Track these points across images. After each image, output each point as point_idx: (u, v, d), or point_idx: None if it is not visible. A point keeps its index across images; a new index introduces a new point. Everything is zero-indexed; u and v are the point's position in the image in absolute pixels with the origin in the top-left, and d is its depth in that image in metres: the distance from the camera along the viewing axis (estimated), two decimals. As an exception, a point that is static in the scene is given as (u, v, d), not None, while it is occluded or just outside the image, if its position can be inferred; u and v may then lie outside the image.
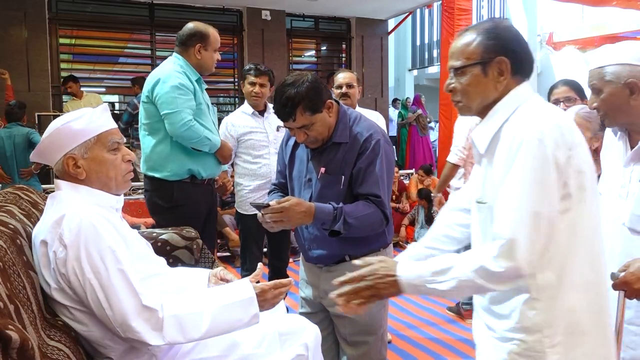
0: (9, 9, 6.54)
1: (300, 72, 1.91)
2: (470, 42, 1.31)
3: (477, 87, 1.32)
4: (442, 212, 1.61)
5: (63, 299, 1.43)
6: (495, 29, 1.31)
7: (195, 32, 2.80)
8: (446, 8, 8.01)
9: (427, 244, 1.55)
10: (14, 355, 1.09)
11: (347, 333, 1.95)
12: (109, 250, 1.41)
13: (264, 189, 3.25)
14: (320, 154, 1.91)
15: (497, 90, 1.31)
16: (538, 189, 1.18)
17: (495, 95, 1.31)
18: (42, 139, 1.55)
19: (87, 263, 1.38)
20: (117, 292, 1.38)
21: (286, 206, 1.78)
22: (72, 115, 1.55)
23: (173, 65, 2.78)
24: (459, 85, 1.34)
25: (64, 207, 1.45)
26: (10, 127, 5.04)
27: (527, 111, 1.26)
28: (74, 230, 1.39)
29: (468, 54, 1.31)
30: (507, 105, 1.30)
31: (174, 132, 2.69)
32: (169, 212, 2.76)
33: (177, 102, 2.66)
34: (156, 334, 1.40)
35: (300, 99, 1.77)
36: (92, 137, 1.54)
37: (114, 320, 1.38)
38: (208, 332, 1.44)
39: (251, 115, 3.32)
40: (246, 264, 3.39)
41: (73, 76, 6.56)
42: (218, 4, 7.69)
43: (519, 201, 1.19)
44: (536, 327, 1.24)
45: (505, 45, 1.29)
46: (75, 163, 1.52)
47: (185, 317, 1.43)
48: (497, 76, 1.30)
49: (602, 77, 1.55)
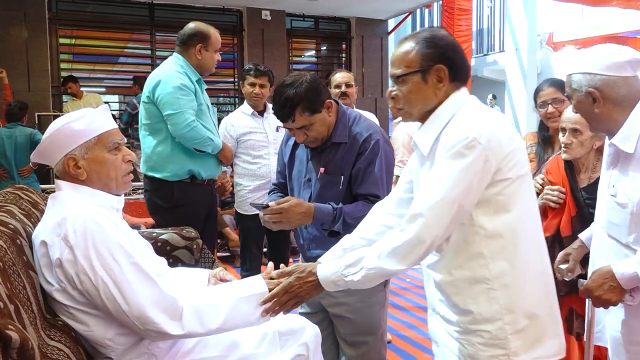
0: (9, 9, 6.54)
1: (299, 72, 1.91)
2: (410, 51, 1.37)
3: (417, 94, 1.38)
4: (377, 204, 1.64)
5: (64, 299, 1.43)
6: (433, 38, 1.37)
7: (197, 32, 2.79)
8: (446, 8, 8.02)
9: (361, 234, 1.59)
10: (14, 355, 1.09)
11: (347, 333, 1.95)
12: (118, 246, 1.41)
13: (263, 189, 3.25)
14: (319, 154, 1.92)
15: (436, 97, 1.37)
16: (459, 179, 1.25)
17: (435, 101, 1.38)
18: (43, 139, 1.55)
19: (98, 261, 1.38)
20: (132, 286, 1.39)
21: (285, 207, 1.78)
22: (72, 115, 1.55)
23: (174, 65, 2.77)
24: (400, 92, 1.40)
25: (65, 209, 1.45)
26: (11, 127, 5.04)
27: (465, 114, 1.33)
28: (79, 231, 1.39)
29: (408, 63, 1.37)
30: (447, 109, 1.36)
31: (177, 133, 2.69)
32: (169, 212, 2.76)
33: (179, 103, 2.66)
34: (176, 324, 1.41)
35: (299, 99, 1.77)
36: (92, 138, 1.54)
37: (130, 314, 1.38)
38: (225, 324, 1.46)
39: (251, 116, 3.32)
40: (246, 264, 3.39)
41: (72, 76, 6.56)
42: (218, 4, 7.69)
43: (437, 185, 1.27)
44: (497, 316, 1.30)
45: (442, 53, 1.35)
46: (75, 163, 1.52)
47: (203, 308, 1.44)
48: (436, 83, 1.36)
49: (570, 84, 1.58)
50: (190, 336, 1.47)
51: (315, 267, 1.44)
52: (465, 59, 1.41)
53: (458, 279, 1.35)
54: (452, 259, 1.36)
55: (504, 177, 1.29)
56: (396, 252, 1.30)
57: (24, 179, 4.99)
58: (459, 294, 1.35)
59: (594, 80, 1.51)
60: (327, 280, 1.41)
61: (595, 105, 1.53)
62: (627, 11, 8.03)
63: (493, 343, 1.31)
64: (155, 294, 1.41)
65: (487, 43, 11.72)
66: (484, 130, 1.26)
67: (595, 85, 1.51)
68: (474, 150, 1.24)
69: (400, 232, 1.30)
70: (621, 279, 1.45)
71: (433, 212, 1.26)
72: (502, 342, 1.30)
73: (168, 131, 2.72)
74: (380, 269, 1.32)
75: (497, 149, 1.27)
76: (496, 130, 1.28)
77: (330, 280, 1.40)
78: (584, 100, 1.55)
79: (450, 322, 1.39)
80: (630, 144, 1.49)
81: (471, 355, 1.34)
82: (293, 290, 1.45)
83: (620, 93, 1.50)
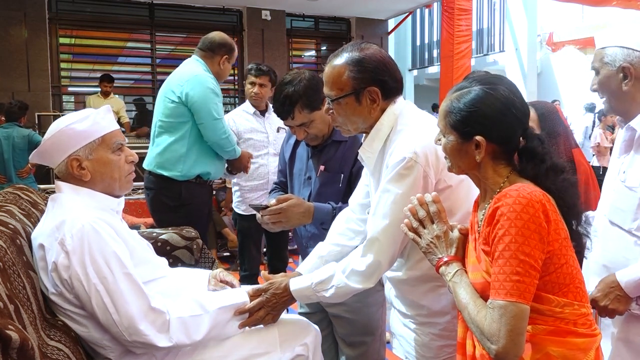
0: (9, 9, 6.54)
1: (298, 70, 1.91)
2: (341, 73, 1.42)
3: (353, 115, 1.45)
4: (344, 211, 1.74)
5: (61, 302, 1.43)
6: (362, 61, 1.41)
7: (226, 43, 2.89)
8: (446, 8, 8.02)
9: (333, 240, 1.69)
10: (14, 355, 1.09)
11: (346, 333, 1.94)
12: (114, 255, 1.41)
13: (261, 190, 3.25)
14: (320, 152, 1.92)
15: (371, 115, 1.45)
16: (404, 200, 1.33)
17: (371, 119, 1.45)
18: (44, 140, 1.53)
19: (92, 269, 1.38)
20: (124, 296, 1.38)
21: (284, 207, 1.78)
22: (75, 116, 1.55)
23: (203, 70, 2.80)
24: (336, 112, 1.47)
25: (64, 212, 1.45)
26: (8, 128, 5.02)
27: (403, 128, 1.41)
28: (76, 236, 1.38)
29: (341, 86, 1.43)
30: (385, 124, 1.45)
31: (214, 139, 2.75)
32: (174, 211, 2.76)
33: (218, 109, 2.75)
34: (163, 336, 1.41)
35: (298, 97, 1.78)
36: (97, 139, 1.53)
37: (120, 324, 1.38)
38: (208, 334, 1.48)
39: (252, 115, 3.32)
40: (244, 264, 3.39)
41: (110, 76, 6.74)
42: (218, 4, 7.69)
43: (386, 209, 1.38)
44: (445, 310, 1.45)
45: (373, 76, 1.41)
46: (79, 164, 1.52)
47: (188, 320, 1.45)
48: (370, 103, 1.43)
49: (601, 57, 1.53)
50: (177, 347, 1.47)
51: (288, 282, 1.55)
52: (397, 74, 1.46)
53: (410, 278, 1.49)
54: (405, 261, 1.51)
55: (446, 185, 1.39)
56: (361, 274, 1.42)
57: (22, 180, 4.98)
58: (412, 292, 1.49)
59: (632, 56, 1.46)
60: (301, 295, 1.53)
61: (625, 82, 1.48)
62: (627, 11, 8.03)
63: (444, 334, 1.45)
64: (144, 306, 1.40)
65: (487, 43, 11.71)
66: (419, 148, 1.34)
67: (632, 61, 1.46)
68: (412, 170, 1.33)
69: (362, 257, 1.42)
70: (626, 287, 1.43)
71: (386, 235, 1.39)
72: (452, 334, 1.37)
73: (187, 131, 2.74)
74: (348, 286, 1.44)
75: (434, 162, 1.36)
76: (430, 144, 1.33)
77: (304, 294, 1.53)
78: (613, 76, 1.50)
79: (406, 316, 1.54)
80: None
81: (425, 345, 1.48)
82: (270, 305, 1.55)
83: None
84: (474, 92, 1.18)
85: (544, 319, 1.11)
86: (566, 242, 1.13)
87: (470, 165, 1.22)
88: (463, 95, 1.19)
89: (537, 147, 1.19)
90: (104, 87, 6.64)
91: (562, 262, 1.11)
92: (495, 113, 1.16)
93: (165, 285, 1.62)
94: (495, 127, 1.17)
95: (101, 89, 6.67)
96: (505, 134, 1.18)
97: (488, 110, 1.16)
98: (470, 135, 1.18)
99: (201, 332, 1.46)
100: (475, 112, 1.17)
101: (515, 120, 1.18)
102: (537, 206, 1.08)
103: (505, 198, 1.10)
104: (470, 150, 1.19)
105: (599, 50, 1.55)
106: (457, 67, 7.98)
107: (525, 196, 1.08)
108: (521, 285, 1.05)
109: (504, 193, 1.12)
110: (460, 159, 1.22)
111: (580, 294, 1.14)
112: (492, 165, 1.20)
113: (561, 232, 1.12)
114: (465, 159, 1.21)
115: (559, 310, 1.11)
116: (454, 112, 1.19)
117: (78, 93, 7.52)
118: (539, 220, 1.07)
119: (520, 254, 1.06)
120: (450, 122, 1.20)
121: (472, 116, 1.17)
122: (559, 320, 1.11)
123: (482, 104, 1.16)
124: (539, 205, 1.08)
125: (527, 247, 1.06)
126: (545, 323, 1.11)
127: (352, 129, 1.49)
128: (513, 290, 1.05)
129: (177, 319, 1.44)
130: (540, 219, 1.07)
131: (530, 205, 1.07)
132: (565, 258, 1.12)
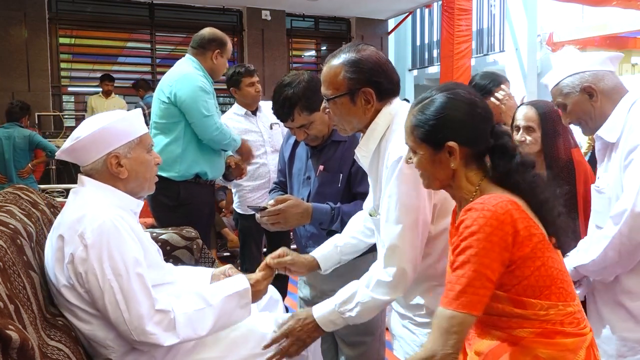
0: (9, 9, 6.55)
1: (297, 72, 1.91)
2: (337, 73, 1.43)
3: (348, 114, 1.46)
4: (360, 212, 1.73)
5: (71, 297, 1.44)
6: (358, 62, 1.41)
7: (216, 37, 2.86)
8: (446, 8, 8.01)
9: (351, 233, 1.69)
10: (14, 355, 1.09)
11: (345, 333, 1.94)
12: (131, 254, 1.43)
13: (263, 189, 3.25)
14: (319, 152, 1.92)
15: (366, 115, 1.45)
16: (410, 199, 1.34)
17: (366, 119, 1.46)
18: (82, 137, 1.52)
19: (109, 264, 1.39)
20: (136, 296, 1.40)
21: (283, 208, 1.78)
22: (112, 115, 1.58)
23: (193, 68, 2.79)
24: (332, 111, 1.48)
25: (86, 205, 1.47)
26: (8, 128, 5.01)
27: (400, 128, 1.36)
28: (96, 231, 1.40)
29: (336, 86, 1.44)
30: (380, 124, 1.45)
31: (207, 137, 2.73)
32: (173, 211, 2.77)
33: (208, 107, 2.71)
34: (170, 334, 1.43)
35: (297, 99, 1.78)
36: (135, 138, 1.57)
37: (129, 322, 1.39)
38: (214, 326, 1.50)
39: (244, 116, 3.31)
40: (245, 263, 3.39)
41: (110, 75, 6.76)
42: (218, 4, 7.69)
43: (396, 212, 1.36)
44: None
45: (367, 77, 1.42)
46: (118, 162, 1.54)
47: (193, 315, 1.47)
48: (365, 104, 1.43)
49: (560, 92, 1.64)
50: (184, 342, 1.49)
51: (311, 310, 1.49)
52: (394, 76, 1.47)
53: None
54: None
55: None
56: (387, 285, 1.39)
57: (22, 180, 4.98)
58: (410, 292, 1.47)
59: (585, 77, 1.59)
60: (325, 320, 1.46)
61: (592, 100, 1.58)
62: (627, 11, 8.02)
63: None
64: (152, 307, 1.42)
65: (487, 43, 11.69)
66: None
67: (587, 80, 1.58)
68: (411, 167, 1.30)
69: (385, 268, 1.40)
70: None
71: (403, 239, 1.36)
72: None
73: (181, 132, 2.74)
74: (375, 300, 1.40)
75: None
76: None
77: (329, 319, 1.45)
78: (581, 99, 1.60)
79: (404, 317, 1.54)
80: (613, 134, 1.56)
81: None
82: (294, 334, 1.48)
83: (609, 85, 1.58)
84: (438, 100, 1.20)
85: (531, 323, 1.13)
86: (542, 245, 1.14)
87: (448, 175, 1.23)
88: (426, 107, 1.21)
89: (507, 143, 1.21)
90: (105, 87, 6.65)
91: (538, 265, 1.13)
92: (462, 115, 1.19)
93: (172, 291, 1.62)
94: (465, 129, 1.19)
95: (102, 89, 6.69)
96: (476, 134, 1.20)
97: (456, 114, 1.19)
98: (441, 143, 1.19)
99: (207, 325, 1.48)
100: (443, 118, 1.19)
101: (482, 119, 1.21)
102: (502, 218, 1.10)
103: (470, 212, 1.13)
104: (445, 159, 1.20)
105: (555, 88, 1.65)
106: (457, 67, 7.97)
107: (490, 209, 1.10)
108: (474, 297, 1.08)
109: (469, 207, 1.14)
110: (436, 170, 1.23)
111: (564, 294, 1.15)
112: (464, 172, 1.22)
113: (534, 236, 1.13)
114: (440, 169, 1.22)
115: (543, 313, 1.12)
116: (421, 125, 1.21)
117: (78, 93, 7.54)
118: (501, 232, 1.09)
119: (480, 266, 1.08)
120: (419, 136, 1.21)
121: (441, 123, 1.19)
122: (545, 322, 1.13)
123: (449, 109, 1.19)
124: (504, 216, 1.10)
125: (486, 259, 1.08)
126: (532, 326, 1.13)
127: (348, 129, 1.51)
128: (466, 302, 1.09)
129: (182, 314, 1.45)
130: (504, 230, 1.09)
131: (494, 218, 1.09)
132: (541, 260, 1.13)
